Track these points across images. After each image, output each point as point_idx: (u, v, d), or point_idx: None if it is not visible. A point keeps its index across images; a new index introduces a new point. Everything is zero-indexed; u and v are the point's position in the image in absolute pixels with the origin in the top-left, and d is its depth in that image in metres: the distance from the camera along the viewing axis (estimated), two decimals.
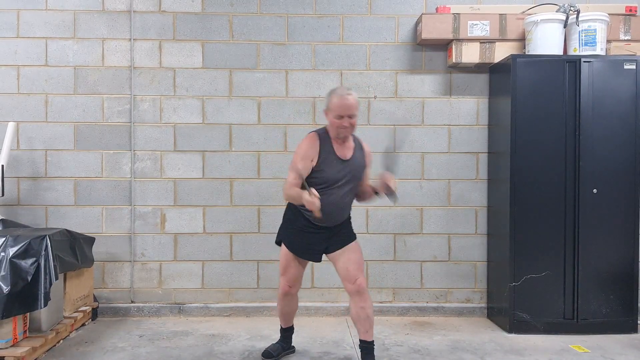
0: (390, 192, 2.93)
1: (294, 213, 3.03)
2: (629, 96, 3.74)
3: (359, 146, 3.05)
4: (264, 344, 3.45)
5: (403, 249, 4.23)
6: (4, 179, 3.76)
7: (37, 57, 4.14)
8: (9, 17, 4.12)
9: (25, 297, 3.05)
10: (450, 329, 3.91)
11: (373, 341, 3.05)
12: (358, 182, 3.02)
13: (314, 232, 2.99)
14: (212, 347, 3.48)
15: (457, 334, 3.80)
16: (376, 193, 3.02)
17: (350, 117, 2.87)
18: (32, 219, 4.12)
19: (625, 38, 3.98)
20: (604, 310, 3.75)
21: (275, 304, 4.25)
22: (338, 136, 2.91)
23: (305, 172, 2.88)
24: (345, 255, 3.02)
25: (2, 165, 3.73)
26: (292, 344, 3.36)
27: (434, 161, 4.22)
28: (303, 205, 2.83)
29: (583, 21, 3.79)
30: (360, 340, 3.06)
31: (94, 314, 4.07)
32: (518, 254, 3.74)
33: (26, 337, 3.20)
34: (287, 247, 3.05)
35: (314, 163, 2.89)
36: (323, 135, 2.96)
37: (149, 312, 4.16)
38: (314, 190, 2.75)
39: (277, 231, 3.17)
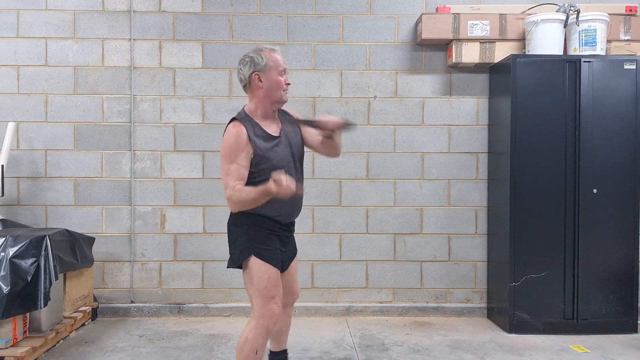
0: (342, 126, 2.45)
1: (252, 218, 2.45)
2: (629, 96, 3.74)
3: (281, 114, 2.61)
4: None
5: (403, 249, 4.23)
6: (4, 179, 3.76)
7: (37, 57, 4.14)
8: (9, 17, 4.12)
9: (25, 297, 3.05)
10: (450, 329, 3.91)
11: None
12: (302, 155, 2.60)
13: (278, 234, 2.51)
14: (212, 347, 3.48)
15: (457, 334, 3.80)
16: (328, 136, 2.47)
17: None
18: (32, 219, 4.12)
19: (625, 38, 3.97)
20: (604, 310, 3.74)
21: None
22: (282, 99, 2.49)
23: (246, 168, 2.38)
24: (292, 268, 2.70)
25: (2, 165, 3.73)
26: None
27: (434, 161, 4.22)
28: (261, 208, 2.38)
29: (583, 21, 3.79)
30: (282, 351, 2.83)
31: (94, 314, 4.07)
32: (518, 254, 3.74)
33: (26, 337, 3.20)
34: (264, 258, 2.43)
35: (250, 155, 2.37)
36: (245, 119, 2.43)
37: (149, 312, 4.17)
38: (277, 174, 2.22)
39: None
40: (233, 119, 2.45)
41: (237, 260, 2.48)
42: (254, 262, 2.43)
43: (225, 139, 2.39)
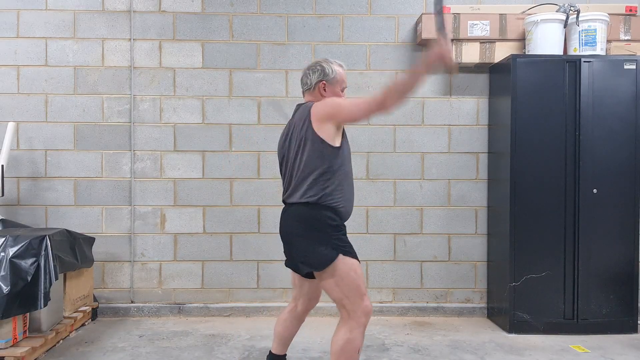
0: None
1: (323, 219, 2.42)
2: (629, 96, 3.74)
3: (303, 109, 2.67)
4: (264, 344, 3.45)
5: (403, 249, 4.23)
6: (4, 179, 3.76)
7: (37, 57, 4.14)
8: (9, 17, 4.12)
9: (25, 297, 3.05)
10: (450, 329, 3.91)
11: None
12: None
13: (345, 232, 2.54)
14: (212, 347, 3.48)
15: (457, 334, 3.80)
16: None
17: None
18: (32, 219, 4.12)
19: (625, 38, 3.98)
20: (604, 310, 3.75)
21: (273, 304, 4.24)
22: None
23: None
24: None
25: (2, 165, 3.73)
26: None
27: (434, 161, 4.22)
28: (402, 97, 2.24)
29: (583, 21, 3.79)
30: (283, 356, 2.82)
31: (94, 314, 4.07)
32: (518, 254, 3.74)
33: (26, 337, 3.20)
34: (350, 255, 2.42)
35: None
36: None
37: (149, 312, 4.16)
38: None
39: (278, 232, 2.61)
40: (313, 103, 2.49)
41: (323, 264, 2.37)
42: (343, 262, 2.38)
43: (327, 100, 2.42)
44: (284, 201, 2.57)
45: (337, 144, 2.42)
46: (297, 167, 2.47)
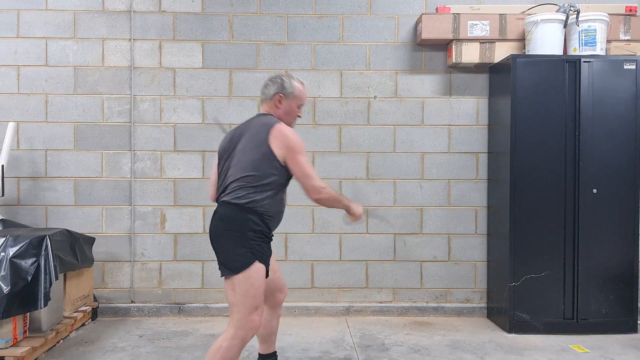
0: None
1: (254, 222, 2.39)
2: (629, 96, 3.74)
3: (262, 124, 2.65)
4: None
5: (403, 249, 4.23)
6: (4, 179, 3.76)
7: (37, 57, 4.14)
8: (9, 17, 4.12)
9: (25, 297, 3.05)
10: (450, 329, 3.91)
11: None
12: None
13: (270, 240, 2.52)
14: None
15: (457, 334, 3.80)
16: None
17: None
18: (32, 219, 4.12)
19: (625, 38, 3.98)
20: (604, 310, 3.75)
21: None
22: (289, 125, 2.57)
23: None
24: (275, 265, 2.68)
25: (2, 165, 3.73)
26: None
27: (434, 161, 4.22)
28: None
29: (583, 21, 3.79)
30: (272, 353, 2.84)
31: (94, 314, 4.07)
32: (518, 254, 3.74)
33: (26, 337, 3.20)
34: (266, 266, 2.42)
35: None
36: None
37: (149, 312, 4.17)
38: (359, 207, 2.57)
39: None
40: (278, 120, 2.50)
41: (241, 267, 2.34)
42: (256, 270, 2.36)
43: (293, 134, 2.44)
44: (216, 200, 2.54)
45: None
46: (238, 167, 2.43)
